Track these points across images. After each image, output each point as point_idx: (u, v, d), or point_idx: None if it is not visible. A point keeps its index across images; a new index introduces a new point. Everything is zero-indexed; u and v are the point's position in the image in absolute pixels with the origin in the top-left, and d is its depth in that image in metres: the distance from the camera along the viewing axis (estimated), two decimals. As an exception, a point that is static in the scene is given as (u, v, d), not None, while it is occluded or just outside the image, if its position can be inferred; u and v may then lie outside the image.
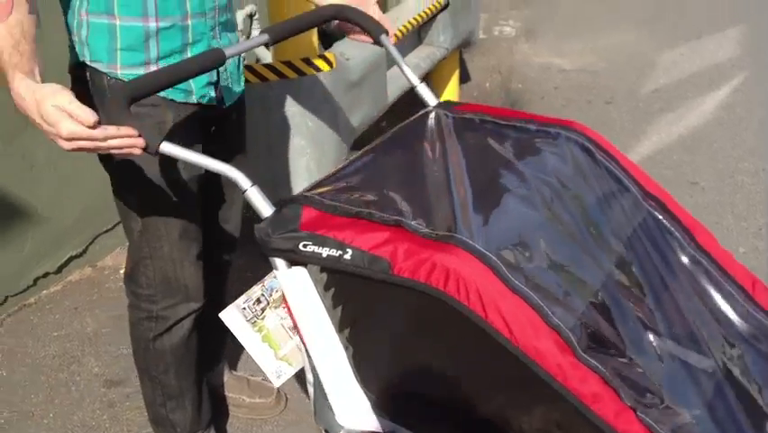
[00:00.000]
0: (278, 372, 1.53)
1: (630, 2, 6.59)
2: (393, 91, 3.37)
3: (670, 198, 1.63)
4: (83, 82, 1.62)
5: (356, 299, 1.37)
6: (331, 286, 1.37)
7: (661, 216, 1.61)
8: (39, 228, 2.69)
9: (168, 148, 1.34)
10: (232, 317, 1.49)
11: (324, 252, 1.28)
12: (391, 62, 3.41)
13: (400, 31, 3.46)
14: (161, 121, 1.62)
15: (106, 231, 3.00)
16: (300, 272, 1.34)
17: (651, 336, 1.41)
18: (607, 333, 1.31)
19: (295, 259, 1.32)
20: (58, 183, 2.74)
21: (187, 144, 1.64)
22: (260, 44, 1.71)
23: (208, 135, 1.78)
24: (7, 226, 2.58)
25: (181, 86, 1.59)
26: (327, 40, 3.21)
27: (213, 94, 1.68)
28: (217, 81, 1.70)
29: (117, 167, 1.67)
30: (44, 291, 2.78)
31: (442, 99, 4.58)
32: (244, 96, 1.85)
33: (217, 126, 1.80)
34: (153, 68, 1.58)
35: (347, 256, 1.26)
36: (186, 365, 1.88)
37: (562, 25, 6.06)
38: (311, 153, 2.78)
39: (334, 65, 2.76)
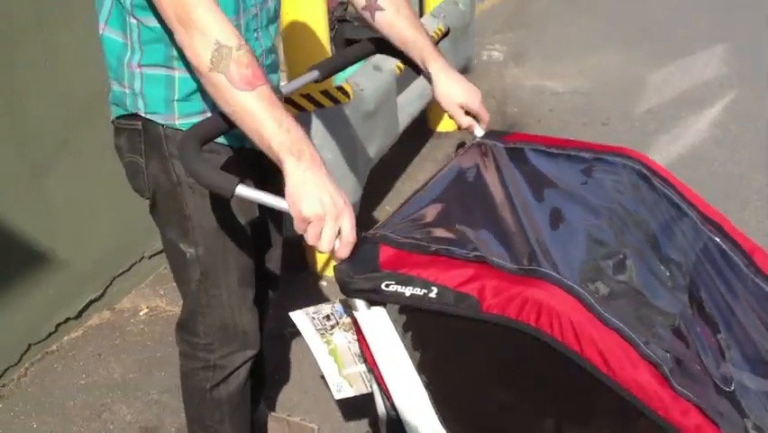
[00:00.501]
0: (339, 386, 1.54)
1: (613, 23, 6.68)
2: (403, 119, 3.38)
3: (728, 222, 1.63)
4: (132, 131, 1.59)
5: (436, 339, 1.35)
6: (410, 327, 1.35)
7: (720, 241, 1.61)
8: (59, 272, 2.64)
9: (243, 191, 1.32)
10: (301, 320, 1.49)
11: (408, 291, 1.26)
12: (400, 90, 3.42)
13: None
14: (220, 166, 1.59)
15: (122, 273, 2.95)
16: (380, 313, 1.32)
17: (728, 364, 1.41)
18: (692, 363, 1.31)
19: (376, 299, 1.31)
20: (77, 225, 2.70)
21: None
22: (312, 80, 1.71)
23: (260, 181, 1.76)
24: (30, 272, 2.53)
25: (236, 131, 1.57)
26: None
27: None
28: None
29: (173, 219, 1.64)
30: (65, 337, 2.73)
31: (441, 126, 4.59)
32: None
33: (267, 171, 1.79)
34: (210, 114, 1.55)
35: (432, 295, 1.25)
36: (240, 413, 1.84)
37: (548, 48, 6.11)
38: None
39: (352, 96, 2.76)
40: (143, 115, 1.54)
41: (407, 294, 1.26)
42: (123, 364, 2.60)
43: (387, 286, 1.27)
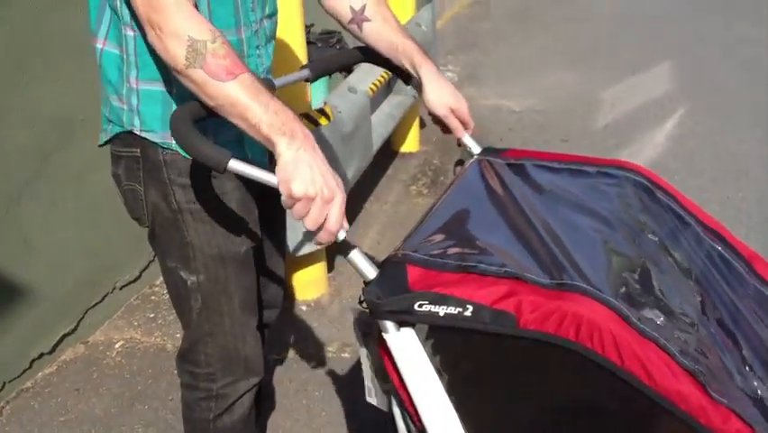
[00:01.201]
0: (369, 389, 1.53)
1: (561, 44, 6.83)
2: (376, 140, 3.37)
3: (727, 231, 1.67)
4: (129, 159, 1.54)
5: (465, 360, 1.34)
6: (438, 348, 1.33)
7: (722, 249, 1.64)
8: (33, 306, 2.55)
9: (236, 165, 1.26)
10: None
11: (442, 310, 1.24)
12: (371, 111, 3.42)
13: (375, 85, 3.48)
14: (222, 191, 1.57)
15: (95, 305, 2.86)
16: (410, 334, 1.30)
17: (750, 372, 1.43)
18: (720, 370, 1.32)
19: (408, 320, 1.28)
20: (50, 257, 2.62)
21: (245, 212, 1.63)
22: (303, 78, 1.69)
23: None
24: (4, 306, 2.44)
25: (239, 155, 1.54)
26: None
27: (266, 161, 1.64)
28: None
29: (173, 247, 1.60)
30: (39, 373, 2.63)
31: (404, 146, 4.61)
32: None
33: (264, 194, 1.76)
34: (209, 135, 1.51)
35: (468, 313, 1.23)
36: None
37: (500, 69, 6.21)
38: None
39: (332, 118, 2.75)
40: (138, 132, 1.50)
41: (442, 313, 1.24)
42: (103, 400, 2.51)
43: (420, 306, 1.25)
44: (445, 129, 1.82)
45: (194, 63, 1.26)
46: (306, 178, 1.24)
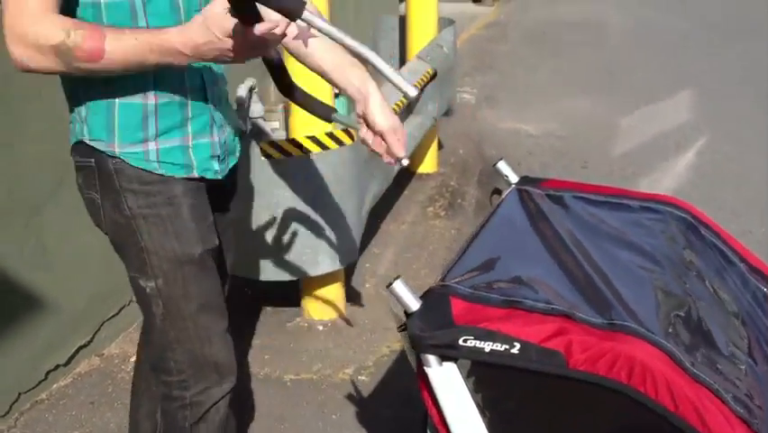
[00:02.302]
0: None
1: (578, 68, 6.83)
2: (398, 162, 3.34)
3: (772, 271, 1.63)
4: (87, 168, 1.57)
5: (509, 398, 1.30)
6: (481, 385, 1.30)
7: (766, 290, 1.61)
8: (50, 317, 2.51)
9: (309, 16, 1.24)
10: None
11: (488, 346, 1.21)
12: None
13: (396, 105, 3.45)
14: (171, 195, 1.58)
15: (112, 317, 2.83)
16: (452, 369, 1.27)
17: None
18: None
19: (451, 355, 1.25)
20: (69, 268, 2.59)
21: (198, 217, 1.63)
22: None
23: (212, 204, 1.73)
24: (21, 317, 2.41)
25: (180, 161, 1.56)
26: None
27: (216, 167, 1.64)
28: (218, 155, 1.66)
29: (131, 254, 1.61)
30: (55, 385, 2.59)
31: (422, 167, 4.59)
32: (238, 164, 1.80)
33: (217, 196, 1.74)
34: (152, 145, 1.54)
35: (515, 350, 1.20)
36: None
37: (518, 93, 6.20)
38: (330, 229, 2.71)
39: (355, 138, 2.72)
40: (88, 142, 1.53)
41: (487, 350, 1.21)
42: (118, 414, 2.47)
43: (465, 341, 1.22)
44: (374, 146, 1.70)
45: (69, 62, 1.36)
46: (212, 37, 1.32)
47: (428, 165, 4.52)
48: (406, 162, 1.65)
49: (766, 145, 4.84)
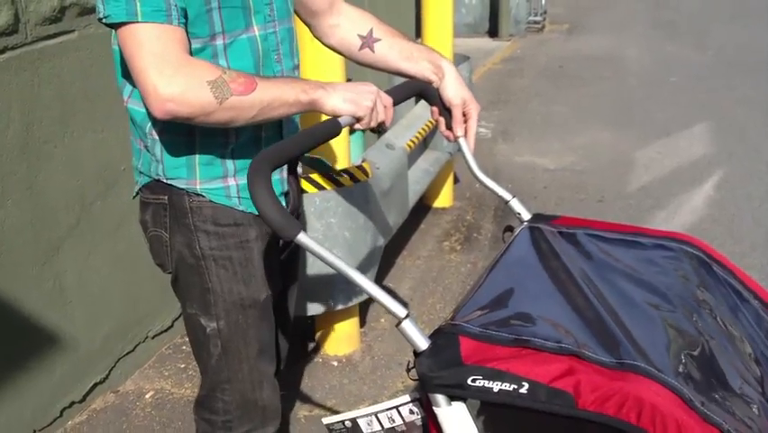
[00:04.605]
0: None
1: (595, 102, 6.83)
2: (412, 196, 3.36)
3: (788, 309, 1.61)
4: (157, 205, 1.59)
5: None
6: (490, 425, 1.29)
7: (782, 328, 1.59)
8: (66, 355, 2.53)
9: (304, 239, 1.28)
10: None
11: (496, 386, 1.20)
12: (409, 166, 3.41)
13: (412, 141, 3.48)
14: (245, 239, 1.60)
15: (128, 353, 2.84)
16: (462, 409, 1.26)
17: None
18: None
19: (460, 394, 1.24)
20: (86, 306, 2.61)
21: (266, 263, 1.65)
22: None
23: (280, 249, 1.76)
24: (38, 355, 2.43)
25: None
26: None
27: (283, 203, 1.66)
28: (288, 191, 1.68)
29: (195, 293, 1.62)
30: (69, 422, 2.60)
31: (438, 201, 4.59)
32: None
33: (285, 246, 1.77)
34: (232, 180, 1.57)
35: (523, 390, 1.19)
36: None
37: (533, 126, 6.21)
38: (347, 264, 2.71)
39: (370, 175, 2.74)
40: (165, 180, 1.55)
41: (496, 390, 1.20)
42: (133, 452, 2.48)
43: (473, 381, 1.21)
44: (449, 126, 1.81)
45: (224, 96, 1.38)
46: (358, 102, 1.49)
47: (444, 199, 4.53)
48: (463, 142, 1.80)
49: (786, 179, 4.81)
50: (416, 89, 1.77)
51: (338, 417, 1.45)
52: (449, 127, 1.79)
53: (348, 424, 1.44)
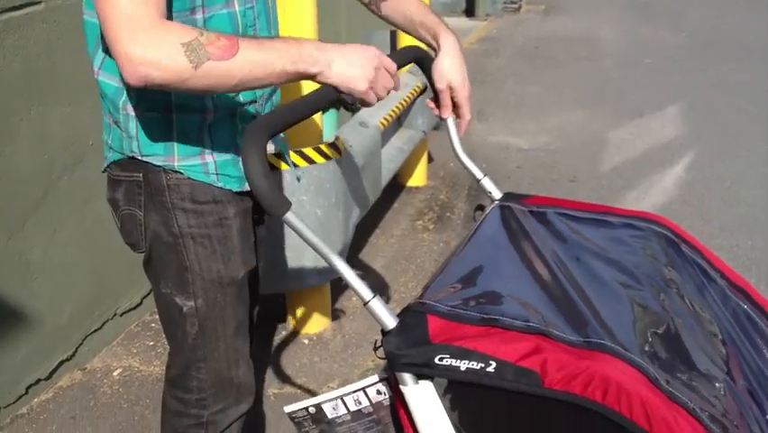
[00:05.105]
0: None
1: (570, 83, 6.85)
2: (385, 175, 3.34)
3: (753, 289, 1.63)
4: (130, 183, 1.53)
5: (485, 416, 1.29)
6: (457, 404, 1.29)
7: (747, 308, 1.60)
8: (32, 332, 2.49)
9: (291, 217, 1.25)
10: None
11: (464, 365, 1.20)
12: (383, 145, 3.39)
13: (386, 119, 3.45)
14: (224, 217, 1.56)
15: (95, 331, 2.81)
16: (429, 388, 1.25)
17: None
18: (747, 435, 1.27)
19: (427, 373, 1.24)
20: (52, 282, 2.57)
21: (244, 239, 1.61)
22: None
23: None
24: (3, 331, 2.39)
25: (234, 173, 1.54)
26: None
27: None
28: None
29: (171, 272, 1.58)
30: (35, 399, 2.56)
31: (411, 180, 4.58)
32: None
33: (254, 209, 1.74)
34: (209, 157, 1.53)
35: (490, 369, 1.19)
36: None
37: (508, 106, 6.21)
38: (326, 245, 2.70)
39: (342, 152, 2.72)
40: (140, 158, 1.49)
41: (463, 368, 1.19)
42: (100, 429, 2.45)
43: (440, 360, 1.20)
44: (438, 106, 1.76)
45: (200, 59, 1.26)
46: (356, 73, 1.36)
47: (418, 178, 4.52)
48: (450, 121, 1.76)
49: (755, 161, 4.85)
50: (414, 56, 1.71)
51: (301, 404, 1.43)
52: (437, 105, 1.75)
53: (312, 410, 1.42)
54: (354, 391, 1.39)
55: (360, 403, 1.40)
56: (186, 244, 1.54)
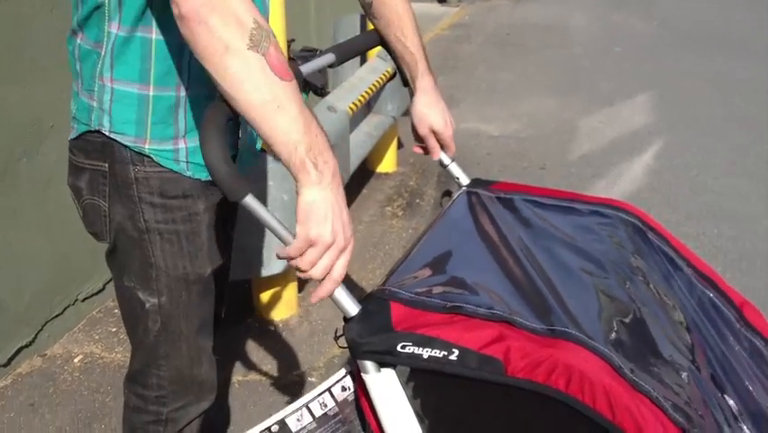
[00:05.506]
0: None
1: (541, 70, 6.85)
2: (354, 161, 3.31)
3: (719, 277, 1.62)
4: (94, 172, 1.45)
5: (448, 404, 1.27)
6: (420, 392, 1.27)
7: (713, 296, 1.60)
8: (-10, 317, 2.44)
9: (251, 201, 1.19)
10: None
11: (426, 353, 1.18)
12: (351, 130, 3.35)
13: (355, 104, 3.42)
14: (193, 212, 1.49)
15: (56, 316, 2.75)
16: (391, 376, 1.23)
17: (737, 424, 1.38)
18: (711, 424, 1.27)
19: (389, 361, 1.21)
20: (10, 266, 2.50)
21: (212, 237, 1.55)
22: (328, 63, 1.61)
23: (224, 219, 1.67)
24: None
25: (202, 162, 1.47)
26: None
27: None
28: (235, 155, 1.59)
29: (134, 267, 1.52)
30: (-7, 387, 2.51)
31: (381, 167, 4.56)
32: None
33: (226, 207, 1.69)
34: (181, 143, 1.45)
35: (453, 357, 1.17)
36: None
37: (479, 93, 6.20)
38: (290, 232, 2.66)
39: (310, 137, 2.68)
40: (107, 133, 1.40)
41: (425, 356, 1.17)
42: (59, 417, 2.40)
43: (403, 348, 1.18)
44: (426, 149, 1.77)
45: (258, 47, 1.10)
46: (328, 222, 1.16)
47: (387, 164, 4.49)
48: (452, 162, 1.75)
49: (722, 150, 4.89)
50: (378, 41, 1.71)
51: (262, 425, 1.36)
52: (424, 149, 1.77)
53: (275, 429, 1.37)
54: (319, 394, 1.36)
55: (325, 406, 1.36)
56: (152, 240, 1.48)
